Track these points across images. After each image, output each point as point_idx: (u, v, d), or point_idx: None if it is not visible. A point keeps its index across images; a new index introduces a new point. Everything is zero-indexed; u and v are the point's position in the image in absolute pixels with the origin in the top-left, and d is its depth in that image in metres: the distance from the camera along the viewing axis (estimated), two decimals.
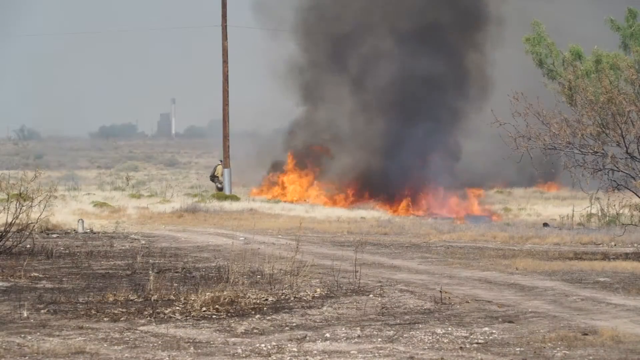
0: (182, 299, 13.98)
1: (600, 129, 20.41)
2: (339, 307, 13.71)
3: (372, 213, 36.32)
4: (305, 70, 47.47)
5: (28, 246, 21.08)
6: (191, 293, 14.27)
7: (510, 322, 12.57)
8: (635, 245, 24.07)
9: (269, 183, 47.33)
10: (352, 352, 10.77)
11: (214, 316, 12.96)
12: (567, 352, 10.74)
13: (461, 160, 44.24)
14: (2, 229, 20.38)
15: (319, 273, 17.27)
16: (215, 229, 29.20)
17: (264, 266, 17.47)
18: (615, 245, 24.63)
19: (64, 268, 18.34)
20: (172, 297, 14.23)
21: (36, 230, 22.99)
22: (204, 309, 13.30)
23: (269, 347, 11.03)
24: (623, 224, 25.35)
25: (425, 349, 10.98)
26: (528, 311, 13.40)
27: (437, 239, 26.16)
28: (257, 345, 11.13)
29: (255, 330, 12.03)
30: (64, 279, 16.63)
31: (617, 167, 20.58)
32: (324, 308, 13.63)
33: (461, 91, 44.07)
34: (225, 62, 46.26)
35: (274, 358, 10.51)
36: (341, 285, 15.73)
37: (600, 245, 24.79)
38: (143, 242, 24.50)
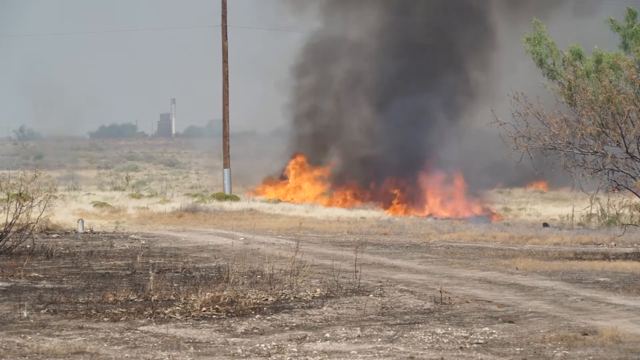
0: (182, 299, 13.98)
1: (600, 129, 20.41)
2: (339, 307, 13.71)
3: (372, 213, 36.31)
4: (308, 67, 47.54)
5: (28, 246, 21.07)
6: (191, 293, 14.27)
7: (510, 322, 12.56)
8: (635, 245, 24.07)
9: (271, 183, 47.22)
10: (352, 352, 10.76)
11: (214, 316, 12.96)
12: (567, 352, 10.74)
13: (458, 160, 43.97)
14: (2, 229, 20.38)
15: (319, 273, 17.27)
16: (215, 229, 29.19)
17: (264, 266, 17.46)
18: (615, 245, 24.63)
19: (64, 268, 18.34)
20: (172, 297, 14.22)
21: (36, 230, 22.97)
22: (204, 309, 13.29)
23: (269, 347, 11.03)
24: (623, 224, 25.34)
25: (425, 349, 10.98)
26: (528, 311, 13.40)
27: (437, 239, 26.15)
28: (257, 345, 11.13)
29: (255, 330, 12.03)
30: (64, 279, 16.63)
31: (617, 167, 20.58)
32: (324, 308, 13.63)
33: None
34: (225, 62, 46.27)
35: (274, 358, 10.51)
36: (341, 285, 15.73)
37: (600, 245, 24.78)
38: (143, 242, 24.49)
